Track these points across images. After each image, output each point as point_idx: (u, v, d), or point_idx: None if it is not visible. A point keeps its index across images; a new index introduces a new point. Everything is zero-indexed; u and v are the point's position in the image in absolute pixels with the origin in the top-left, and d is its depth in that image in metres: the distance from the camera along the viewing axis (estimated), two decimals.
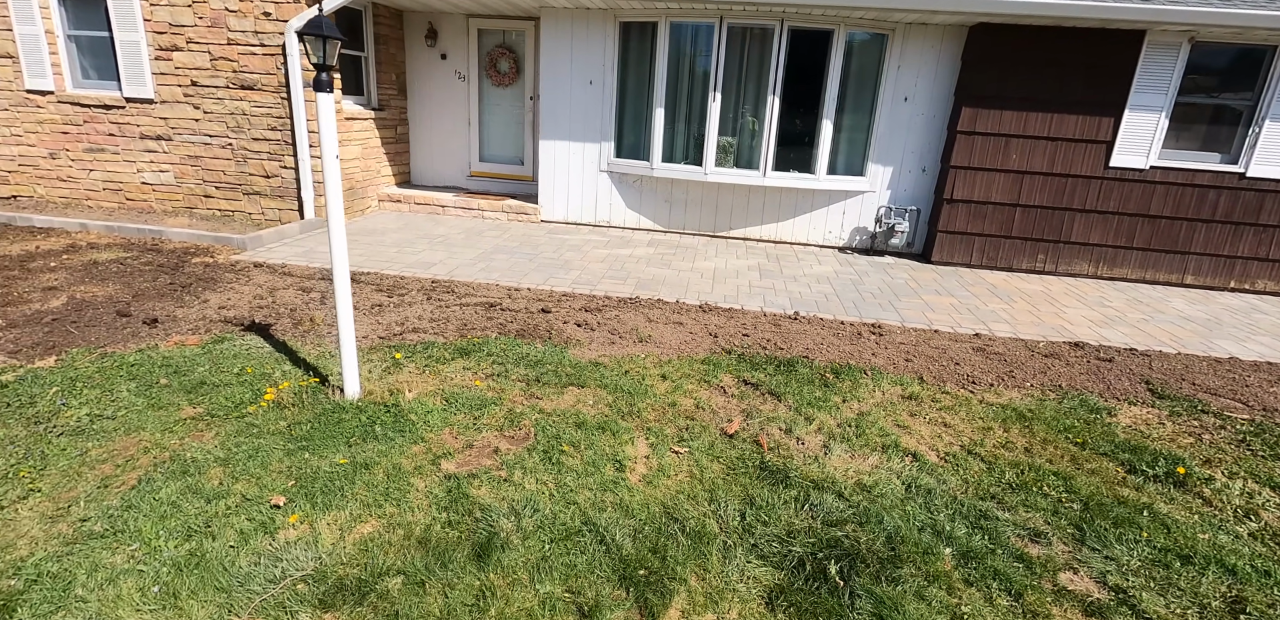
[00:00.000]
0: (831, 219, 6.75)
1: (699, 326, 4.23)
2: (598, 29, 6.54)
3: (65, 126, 6.70)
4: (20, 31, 6.47)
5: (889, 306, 4.99)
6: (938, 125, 6.30)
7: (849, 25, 6.02)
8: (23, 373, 3.13)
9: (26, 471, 2.38)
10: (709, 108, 6.39)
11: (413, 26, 7.61)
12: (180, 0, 6.07)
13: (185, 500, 2.25)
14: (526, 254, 5.87)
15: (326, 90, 2.51)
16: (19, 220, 5.97)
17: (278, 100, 6.19)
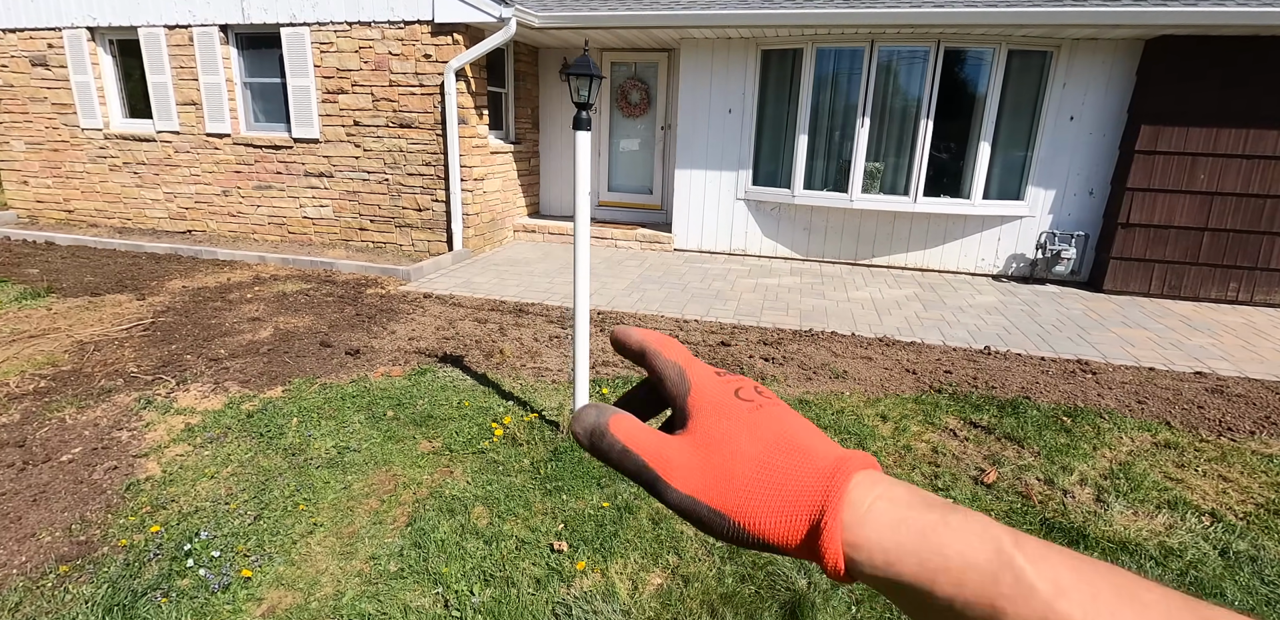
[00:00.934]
0: (985, 246, 6.41)
1: (890, 362, 4.02)
2: (738, 58, 6.55)
3: (238, 166, 7.23)
4: (204, 80, 7.07)
5: (1080, 340, 4.62)
6: (1108, 145, 5.91)
7: (1011, 43, 5.77)
8: (259, 403, 3.27)
9: (304, 505, 2.43)
10: (856, 133, 6.24)
11: (547, 63, 7.87)
12: (348, 47, 6.48)
13: (465, 541, 2.22)
14: (674, 284, 5.82)
15: (585, 128, 2.52)
16: (204, 254, 6.43)
17: (433, 137, 6.47)
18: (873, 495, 0.30)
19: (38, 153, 7.93)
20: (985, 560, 0.26)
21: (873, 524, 0.29)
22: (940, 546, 0.27)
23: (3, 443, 2.81)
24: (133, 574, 2.06)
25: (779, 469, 0.32)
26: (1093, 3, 5.16)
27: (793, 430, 0.34)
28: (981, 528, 0.27)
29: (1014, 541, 0.26)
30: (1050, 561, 0.25)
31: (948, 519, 0.28)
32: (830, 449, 0.33)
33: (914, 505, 0.29)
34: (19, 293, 4.88)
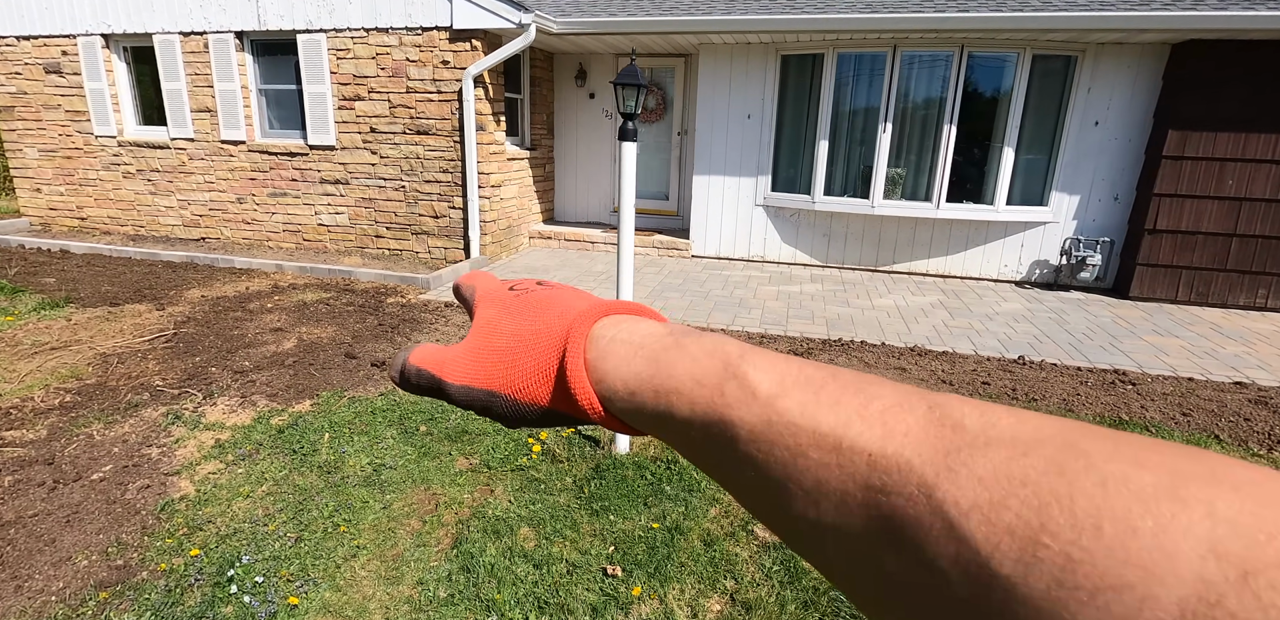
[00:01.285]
0: (1008, 252, 6.34)
1: (925, 372, 3.96)
2: (758, 63, 6.50)
3: (253, 173, 7.19)
4: (219, 88, 7.04)
5: (1113, 349, 4.55)
6: (1133, 150, 5.85)
7: (1035, 48, 5.72)
8: (289, 417, 3.21)
9: (345, 526, 2.37)
10: (878, 139, 6.18)
11: (562, 68, 7.83)
12: (365, 53, 6.45)
13: (515, 565, 2.16)
14: (696, 291, 5.76)
15: (632, 139, 2.47)
16: (221, 262, 6.39)
17: (450, 144, 6.43)
18: (616, 331, 0.31)
19: (51, 160, 7.90)
20: (713, 374, 0.26)
21: (613, 357, 0.29)
22: (670, 368, 0.27)
23: (32, 460, 2.76)
24: (175, 601, 1.99)
25: (532, 333, 0.33)
26: (1120, 7, 5.11)
27: (556, 300, 0.35)
28: (714, 345, 0.28)
29: (741, 353, 0.27)
30: (777, 367, 0.26)
31: (682, 342, 0.29)
32: (591, 301, 0.34)
33: (655, 335, 0.30)
34: (38, 303, 4.84)
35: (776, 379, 0.25)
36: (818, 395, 0.23)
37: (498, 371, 0.32)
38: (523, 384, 0.31)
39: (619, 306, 0.33)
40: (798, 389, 0.24)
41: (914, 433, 0.21)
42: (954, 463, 0.19)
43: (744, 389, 0.25)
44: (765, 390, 0.24)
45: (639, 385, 0.28)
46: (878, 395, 0.23)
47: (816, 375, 0.25)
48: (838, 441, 0.22)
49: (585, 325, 0.31)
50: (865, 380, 0.24)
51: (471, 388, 0.33)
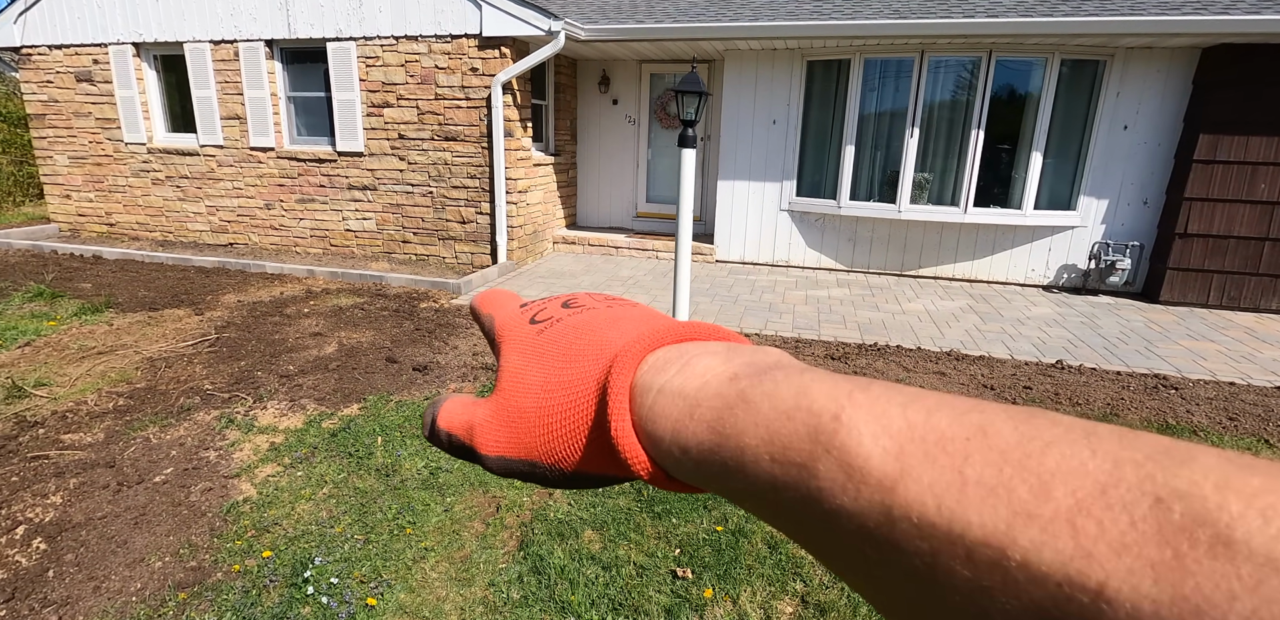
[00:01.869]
0: (1035, 256, 6.33)
1: (965, 377, 3.96)
2: (783, 69, 6.54)
3: (281, 179, 7.27)
4: (249, 95, 7.13)
5: (1150, 354, 4.54)
6: (1163, 154, 5.84)
7: (1064, 52, 5.73)
8: (340, 421, 3.24)
9: (410, 528, 2.39)
10: (905, 143, 6.20)
11: (586, 75, 7.88)
12: (394, 61, 6.52)
13: (584, 567, 2.18)
14: (725, 296, 5.78)
15: (691, 146, 2.49)
16: (253, 267, 6.45)
17: (478, 150, 6.48)
18: (665, 378, 0.24)
19: (81, 167, 8.01)
20: (798, 446, 0.20)
21: (663, 418, 0.24)
22: (739, 438, 0.21)
23: (94, 463, 2.79)
24: (253, 602, 2.02)
25: (564, 388, 0.27)
26: (1152, 12, 5.12)
27: (587, 334, 0.29)
28: (795, 397, 0.21)
29: (836, 408, 0.20)
30: (891, 422, 0.19)
31: (749, 396, 0.22)
32: (630, 333, 0.28)
33: (713, 384, 0.23)
34: (78, 307, 4.90)
35: (893, 447, 0.18)
36: (961, 475, 0.16)
37: (533, 439, 0.27)
38: (565, 453, 0.27)
39: (666, 332, 0.27)
40: (928, 463, 0.17)
41: (1136, 552, 0.14)
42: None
43: (845, 468, 0.18)
44: (878, 468, 0.18)
45: (702, 456, 0.22)
46: (1058, 472, 0.15)
47: (953, 432, 0.17)
48: (1001, 555, 0.15)
49: (626, 373, 0.25)
50: (1032, 438, 0.17)
51: (508, 459, 0.28)
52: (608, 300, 0.33)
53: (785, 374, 0.22)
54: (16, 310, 4.82)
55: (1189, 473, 0.14)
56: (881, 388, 0.20)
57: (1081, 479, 0.15)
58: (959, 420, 0.18)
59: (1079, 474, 0.15)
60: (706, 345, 0.26)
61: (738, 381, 0.23)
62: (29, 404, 3.29)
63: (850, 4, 6.13)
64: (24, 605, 2.00)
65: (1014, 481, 0.16)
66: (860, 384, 0.21)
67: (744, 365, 0.24)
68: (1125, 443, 0.16)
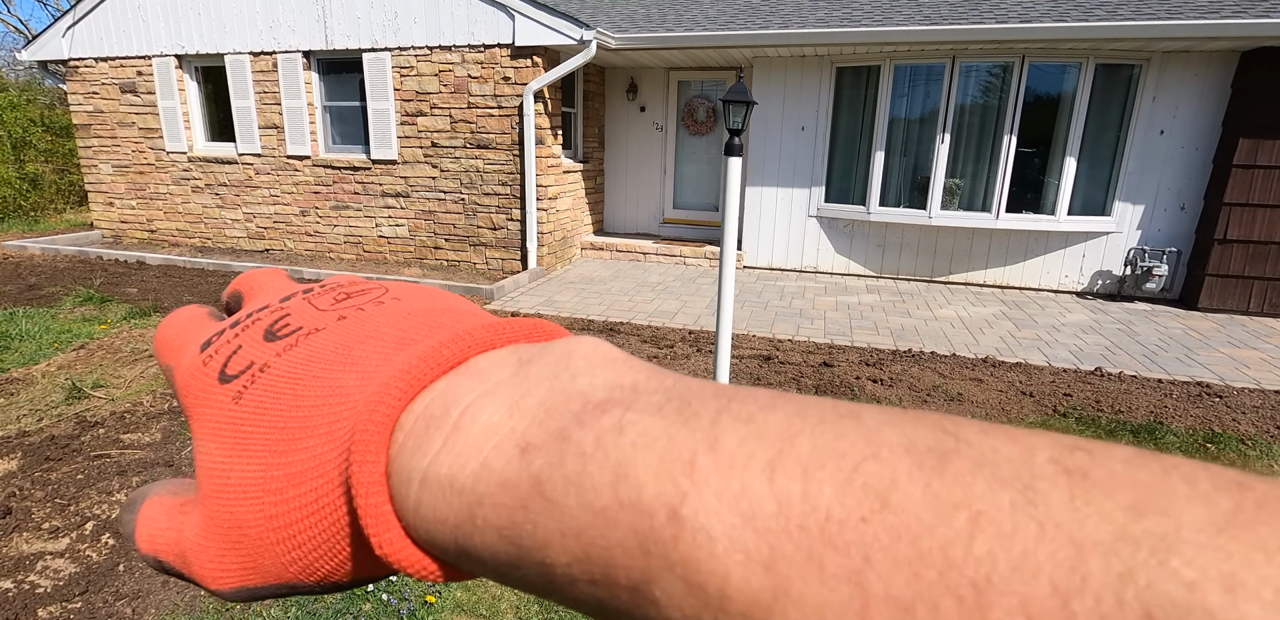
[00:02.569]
0: (1069, 262, 6.27)
1: (1002, 384, 3.93)
2: (812, 75, 6.56)
3: (317, 187, 7.43)
4: (287, 105, 7.31)
5: (1190, 361, 4.47)
6: (1200, 159, 5.76)
7: (1099, 57, 5.69)
8: None
9: None
10: (935, 149, 6.18)
11: (614, 82, 7.97)
12: (428, 70, 6.65)
13: None
14: (755, 302, 5.79)
15: (737, 154, 2.53)
16: (290, 273, 6.59)
17: (510, 157, 6.58)
18: (425, 459, 0.17)
19: (124, 175, 8.26)
20: (626, 560, 0.14)
21: (433, 522, 0.17)
22: (542, 550, 0.15)
23: (153, 462, 2.89)
24: (315, 598, 2.08)
25: (290, 485, 0.19)
26: (1190, 16, 5.07)
27: (305, 389, 0.20)
28: (612, 482, 0.14)
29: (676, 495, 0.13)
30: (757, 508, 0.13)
31: (545, 485, 0.15)
32: (373, 376, 0.19)
33: (495, 461, 0.16)
34: (126, 311, 5.05)
35: (760, 551, 0.12)
36: (862, 590, 0.11)
37: (274, 560, 0.19)
38: (329, 568, 0.19)
39: (422, 366, 0.18)
40: (812, 573, 0.12)
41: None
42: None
43: (695, 593, 0.13)
44: (741, 591, 0.12)
45: (505, 572, 0.16)
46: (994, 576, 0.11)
47: (843, 512, 0.12)
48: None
49: (374, 459, 0.17)
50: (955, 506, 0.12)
51: (250, 588, 0.20)
52: (337, 305, 0.23)
53: (598, 436, 0.15)
54: (69, 314, 4.99)
55: (1181, 564, 0.10)
56: (739, 435, 0.14)
57: (1031, 584, 0.10)
58: (849, 485, 0.12)
59: (1026, 574, 0.11)
60: (482, 374, 0.18)
61: (530, 459, 0.16)
62: (88, 405, 3.41)
63: (880, 10, 6.14)
64: (98, 598, 2.08)
65: (938, 596, 0.11)
66: (708, 437, 0.14)
67: (538, 417, 0.16)
68: (1080, 499, 0.11)
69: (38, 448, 2.96)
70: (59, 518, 2.47)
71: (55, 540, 2.35)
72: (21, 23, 20.24)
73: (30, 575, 2.17)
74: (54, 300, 5.40)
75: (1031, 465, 0.12)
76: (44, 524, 2.43)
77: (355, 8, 6.67)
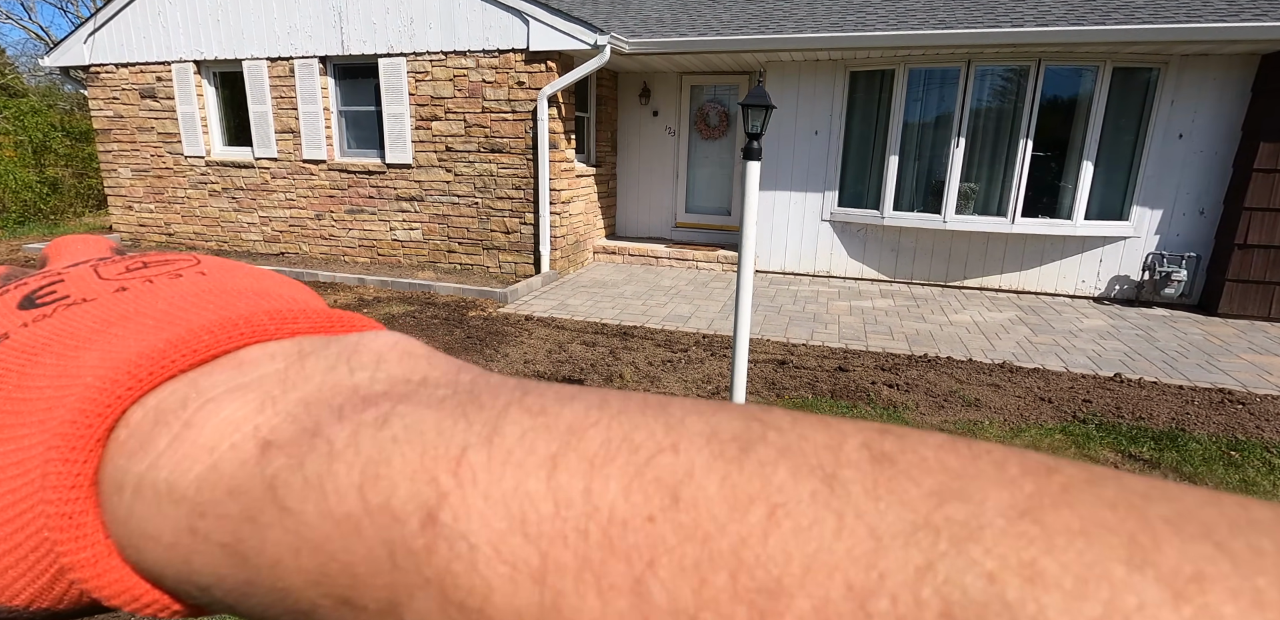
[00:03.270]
0: (1086, 267, 6.22)
1: (1020, 389, 3.90)
2: (825, 79, 6.56)
3: (332, 191, 7.50)
4: (303, 110, 7.38)
5: (1211, 368, 4.42)
6: (1220, 163, 5.71)
7: (1116, 61, 5.65)
8: None
9: None
10: (951, 153, 6.16)
11: (627, 87, 8.00)
12: (443, 75, 6.70)
13: None
14: (768, 306, 5.78)
15: (756, 158, 2.54)
16: (305, 276, 6.66)
17: (523, 162, 6.61)
18: (142, 462, 0.14)
19: (143, 179, 8.36)
20: (374, 580, 0.12)
21: (145, 541, 0.14)
22: (273, 574, 0.13)
23: None
24: None
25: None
26: (1208, 19, 5.03)
27: (32, 364, 0.16)
28: (362, 477, 0.13)
29: (437, 494, 0.12)
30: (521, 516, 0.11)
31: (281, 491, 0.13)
32: (117, 355, 0.16)
33: (228, 464, 0.14)
34: None
35: (530, 563, 0.11)
36: (646, 601, 0.10)
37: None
38: (30, 591, 0.15)
39: (179, 346, 0.16)
40: (591, 586, 0.11)
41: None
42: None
43: (454, 613, 0.11)
44: (505, 606, 0.11)
45: (232, 599, 0.13)
46: (785, 577, 0.10)
47: (629, 510, 0.11)
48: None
49: (76, 456, 0.14)
50: (751, 499, 0.11)
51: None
52: (127, 273, 0.19)
53: (354, 431, 0.13)
54: None
55: (980, 553, 0.10)
56: (523, 428, 0.12)
57: (826, 584, 0.10)
58: (639, 479, 0.11)
59: (821, 574, 0.10)
60: (246, 366, 0.15)
61: (269, 459, 0.13)
62: None
63: (894, 14, 6.13)
64: None
65: (726, 603, 0.10)
66: (486, 424, 0.13)
67: (293, 413, 0.14)
68: (883, 488, 0.11)
69: None
70: None
71: None
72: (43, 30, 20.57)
73: None
74: None
75: (839, 453, 0.11)
76: None
77: (372, 14, 6.74)
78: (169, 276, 0.19)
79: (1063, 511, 0.10)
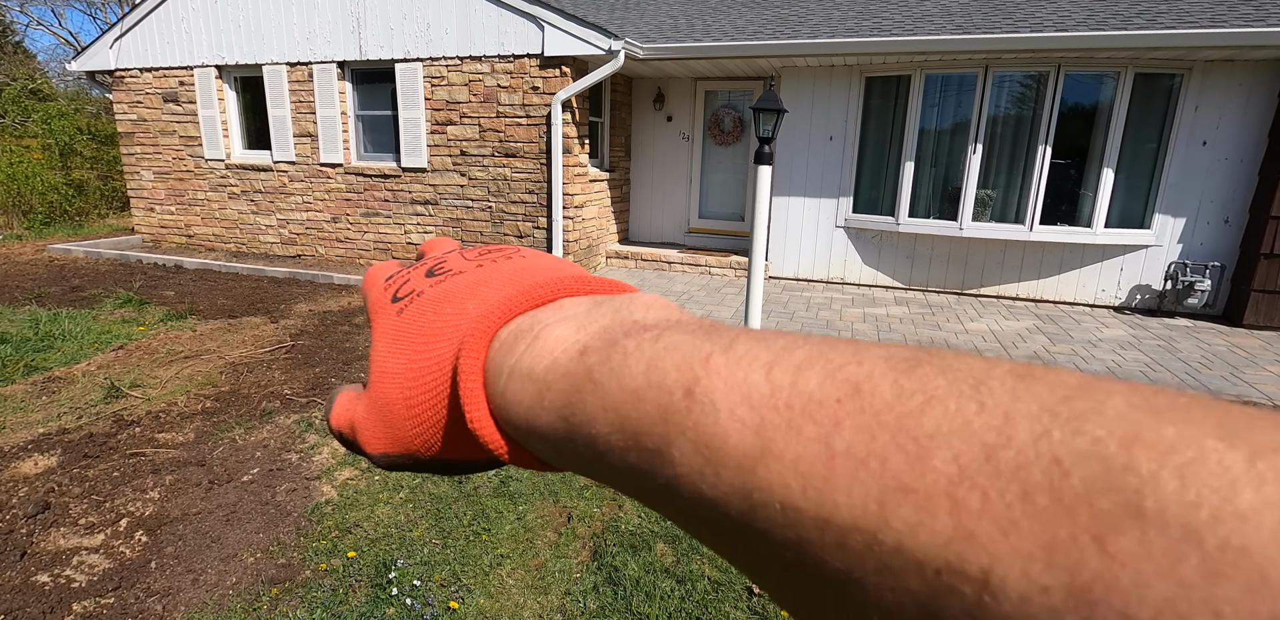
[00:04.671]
0: (1106, 276, 6.11)
1: None
2: (841, 85, 6.53)
3: (348, 194, 7.57)
4: (321, 114, 7.48)
5: (1236, 380, 4.31)
6: (1245, 171, 5.60)
7: (1137, 66, 5.57)
8: None
9: (485, 535, 2.44)
10: (967, 159, 6.10)
11: (641, 92, 8.02)
12: (459, 80, 6.76)
13: (658, 580, 2.18)
14: (781, 313, 5.74)
15: (767, 163, 2.52)
16: (321, 278, 6.72)
17: (537, 166, 6.64)
18: (515, 358, 0.22)
19: (164, 181, 8.50)
20: (650, 428, 0.17)
21: (516, 404, 0.22)
22: (589, 425, 0.19)
23: (186, 461, 2.94)
24: (340, 600, 2.08)
25: (421, 375, 0.25)
26: (1233, 24, 4.95)
27: (444, 309, 0.27)
28: (646, 370, 0.18)
29: (690, 379, 0.17)
30: (752, 389, 0.16)
31: (596, 375, 0.19)
32: (487, 302, 0.26)
33: (563, 362, 0.21)
34: (163, 314, 5.17)
35: (752, 420, 0.16)
36: (828, 447, 0.14)
37: (405, 432, 0.26)
38: (439, 443, 0.25)
39: (522, 297, 0.25)
40: (792, 435, 0.15)
41: (1026, 530, 0.11)
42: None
43: (701, 450, 0.16)
44: (736, 447, 0.15)
45: (558, 445, 0.21)
46: (938, 434, 0.13)
47: (822, 394, 0.15)
48: (873, 541, 0.13)
49: (476, 355, 0.23)
50: (913, 393, 0.14)
51: (389, 455, 0.27)
52: (480, 257, 0.30)
53: (639, 342, 0.20)
54: (109, 315, 5.12)
55: (1092, 427, 0.12)
56: (749, 344, 0.18)
57: (966, 441, 0.13)
58: (831, 378, 0.15)
59: (963, 435, 0.13)
60: (564, 308, 0.24)
61: (586, 357, 0.20)
62: (125, 404, 3.48)
63: (910, 19, 6.10)
64: (130, 594, 2.11)
65: (888, 450, 0.13)
66: (724, 342, 0.18)
67: (599, 333, 0.21)
68: (1020, 390, 0.13)
69: (76, 445, 3.03)
70: (95, 514, 2.52)
71: (91, 536, 2.39)
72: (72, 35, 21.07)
73: (66, 570, 2.21)
74: (95, 302, 5.55)
75: (990, 371, 0.14)
76: (80, 520, 2.48)
77: (389, 19, 6.82)
78: (505, 258, 0.30)
79: (1175, 412, 0.12)
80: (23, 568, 2.21)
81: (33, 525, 2.44)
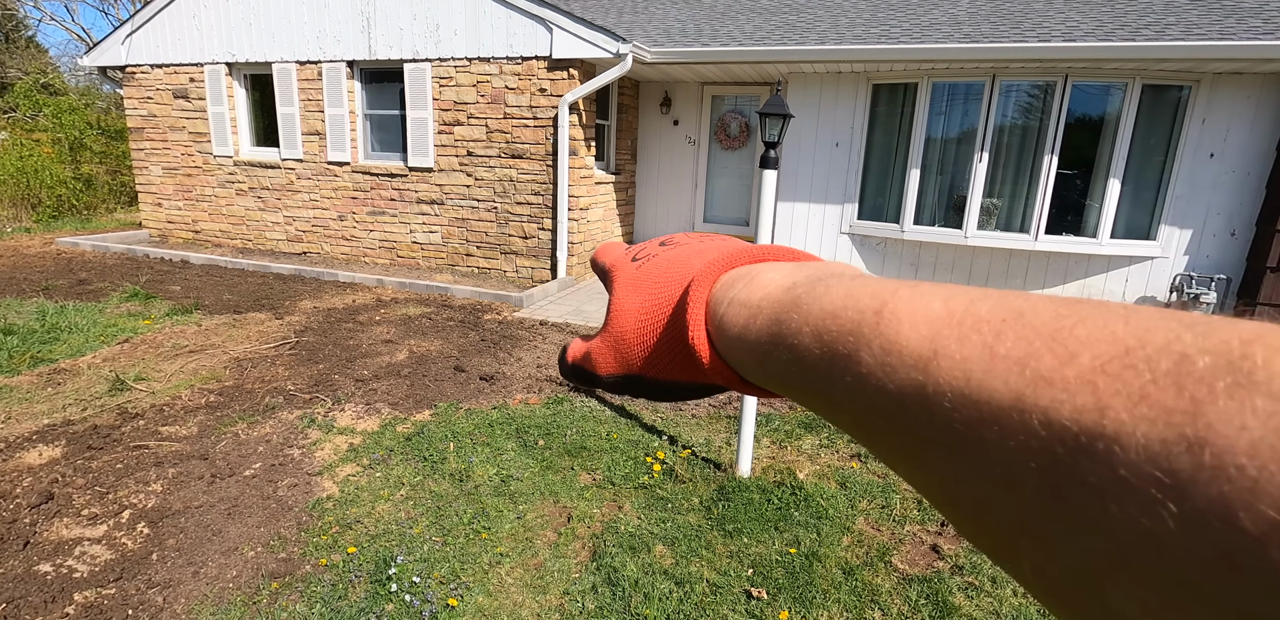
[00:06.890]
0: (1110, 287, 6.11)
1: None
2: (848, 92, 6.54)
3: (355, 193, 7.61)
4: (329, 112, 7.51)
5: None
6: (1253, 183, 5.60)
7: (1145, 77, 5.58)
8: (413, 426, 3.34)
9: (485, 533, 2.44)
10: (973, 168, 6.11)
11: (648, 96, 8.05)
12: (467, 81, 6.79)
13: (656, 582, 2.18)
14: None
15: (773, 167, 2.53)
16: (326, 276, 6.74)
17: (543, 168, 6.66)
18: (734, 292, 0.28)
19: (173, 177, 8.54)
20: (843, 336, 0.22)
21: (731, 326, 0.27)
22: (795, 336, 0.24)
23: (189, 455, 2.95)
24: (340, 595, 2.09)
25: (654, 310, 0.33)
26: (1243, 36, 4.95)
27: (675, 264, 0.34)
28: (844, 298, 0.23)
29: (879, 304, 0.22)
30: (931, 310, 0.20)
31: (801, 301, 0.24)
32: (710, 258, 0.32)
33: (775, 293, 0.26)
34: (169, 309, 5.20)
35: (929, 332, 0.19)
36: (991, 351, 0.17)
37: (633, 356, 0.33)
38: (661, 366, 0.32)
39: (740, 255, 0.31)
40: (961, 342, 0.18)
41: (1153, 401, 0.14)
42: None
43: (884, 353, 0.20)
44: (913, 350, 0.19)
45: (764, 355, 0.25)
46: (1087, 342, 0.16)
47: (990, 316, 0.18)
48: (1025, 417, 0.16)
49: (702, 290, 0.30)
50: (1068, 316, 0.17)
51: (616, 376, 0.34)
52: (700, 237, 0.37)
53: (838, 280, 0.25)
54: (115, 309, 5.15)
55: (1221, 334, 0.14)
56: (930, 285, 0.22)
57: (1109, 345, 0.15)
58: (999, 306, 0.19)
59: (1107, 341, 0.16)
60: (775, 264, 0.30)
61: (794, 289, 0.25)
62: (130, 397, 3.50)
63: (918, 27, 6.12)
64: (131, 585, 2.12)
65: (1041, 352, 0.16)
66: (909, 283, 0.22)
67: (803, 277, 0.27)
68: (1164, 315, 0.16)
69: (81, 436, 3.05)
70: (98, 505, 2.53)
71: (93, 526, 2.40)
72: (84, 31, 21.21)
73: (68, 560, 2.22)
74: (102, 295, 5.58)
75: (1140, 306, 0.17)
76: (83, 510, 2.49)
77: (399, 19, 6.86)
78: (723, 239, 0.36)
79: None
80: (25, 557, 2.22)
81: (36, 515, 2.45)
